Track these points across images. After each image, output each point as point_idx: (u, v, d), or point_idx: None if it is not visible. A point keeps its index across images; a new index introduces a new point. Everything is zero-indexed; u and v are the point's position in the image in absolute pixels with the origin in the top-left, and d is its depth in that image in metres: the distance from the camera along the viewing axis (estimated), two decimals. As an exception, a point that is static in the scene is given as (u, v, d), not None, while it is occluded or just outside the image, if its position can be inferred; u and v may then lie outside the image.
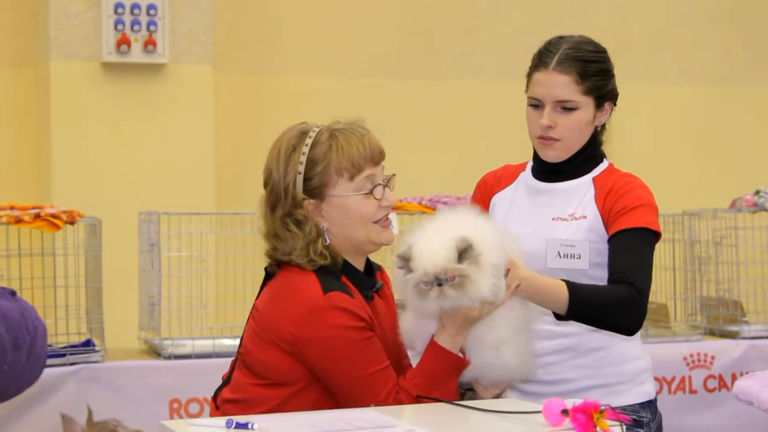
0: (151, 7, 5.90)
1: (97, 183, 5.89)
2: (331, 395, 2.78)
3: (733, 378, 5.08)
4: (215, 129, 6.17)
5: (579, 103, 3.11)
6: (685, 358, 5.16)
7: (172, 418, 4.40)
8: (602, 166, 3.19)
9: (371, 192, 2.85)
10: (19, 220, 4.44)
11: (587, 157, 3.18)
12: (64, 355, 4.50)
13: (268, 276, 2.95)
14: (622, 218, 3.05)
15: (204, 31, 6.06)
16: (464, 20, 7.00)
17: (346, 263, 2.89)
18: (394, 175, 2.95)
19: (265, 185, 2.92)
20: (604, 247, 3.05)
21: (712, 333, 5.40)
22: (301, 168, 2.84)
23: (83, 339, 4.63)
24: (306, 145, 2.86)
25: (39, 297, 4.52)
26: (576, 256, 3.06)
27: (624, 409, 2.88)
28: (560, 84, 3.10)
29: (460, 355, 2.80)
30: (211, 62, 6.11)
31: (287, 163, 2.87)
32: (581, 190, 3.15)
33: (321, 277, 2.83)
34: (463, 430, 2.44)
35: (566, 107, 3.11)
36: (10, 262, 4.53)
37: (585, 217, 3.09)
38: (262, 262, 4.59)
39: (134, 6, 5.88)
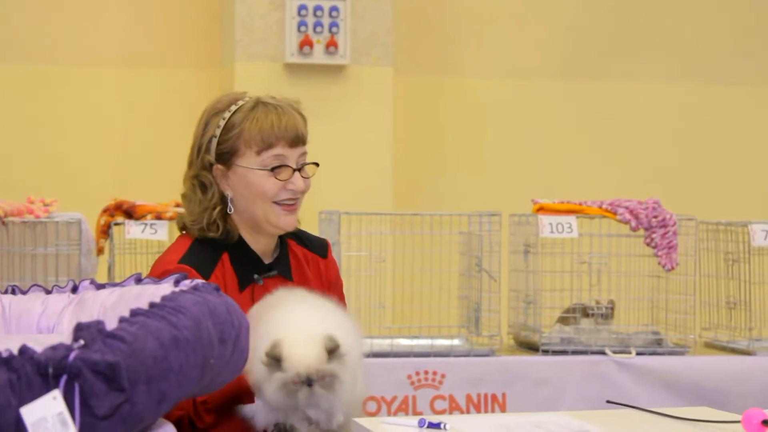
0: (333, 9, 5.96)
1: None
2: None
3: None
4: (394, 130, 6.21)
5: None
6: None
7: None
8: None
9: (274, 170, 2.81)
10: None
11: None
12: (248, 351, 4.55)
13: None
14: None
15: (385, 33, 6.10)
16: (644, 22, 6.89)
17: (240, 241, 2.85)
18: (315, 164, 2.91)
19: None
20: None
21: None
22: (218, 132, 2.83)
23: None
24: (229, 111, 2.85)
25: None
26: None
27: None
28: None
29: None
30: (392, 64, 6.15)
31: (207, 124, 2.87)
32: None
33: (194, 246, 2.83)
34: (658, 438, 2.39)
35: None
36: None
37: None
38: (440, 263, 4.61)
39: (317, 8, 5.95)
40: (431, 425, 2.44)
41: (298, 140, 2.86)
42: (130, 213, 4.45)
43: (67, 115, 6.31)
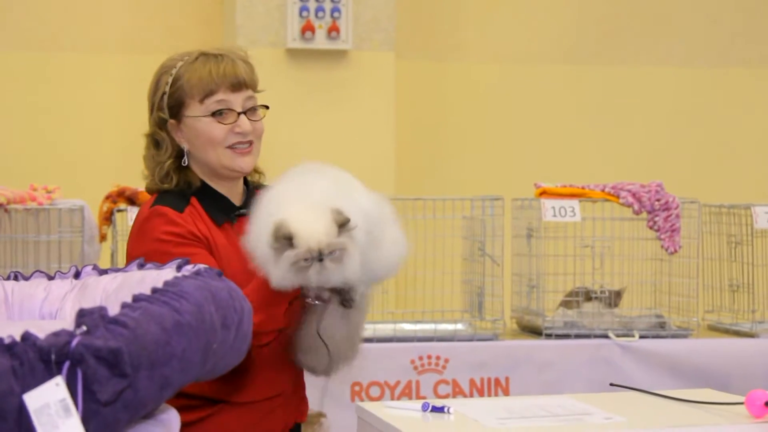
0: (335, -7, 5.96)
1: (279, 166, 5.97)
2: None
3: None
4: (396, 115, 6.20)
5: None
6: None
7: (353, 401, 4.44)
8: None
9: (217, 116, 2.83)
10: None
11: None
12: (251, 336, 4.56)
13: None
14: None
15: (387, 18, 6.09)
16: (648, 5, 6.88)
17: (205, 186, 2.89)
18: (265, 106, 2.92)
19: None
20: None
21: None
22: (167, 88, 2.87)
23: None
24: (175, 68, 2.88)
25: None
26: None
27: None
28: None
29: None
30: (393, 48, 6.14)
31: (157, 83, 2.91)
32: None
33: (160, 195, 2.88)
34: (661, 420, 2.39)
35: None
36: (198, 245, 4.62)
37: None
38: (443, 248, 4.61)
39: (319, -7, 5.95)
40: (435, 409, 2.44)
41: (239, 85, 2.86)
42: (133, 199, 4.46)
43: (69, 102, 6.31)
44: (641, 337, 4.55)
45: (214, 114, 2.84)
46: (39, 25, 6.28)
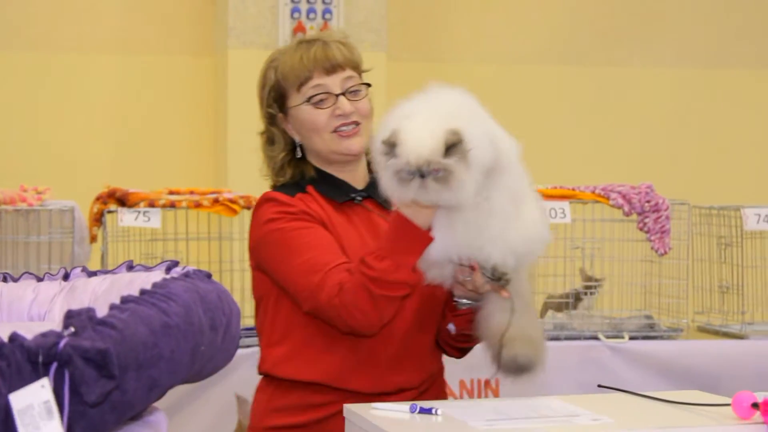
0: (326, -5, 5.97)
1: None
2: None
3: None
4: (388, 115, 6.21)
5: None
6: None
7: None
8: None
9: (315, 102, 2.78)
10: (198, 205, 4.53)
11: None
12: (239, 338, 4.56)
13: None
14: None
15: (378, 19, 6.09)
16: (642, 8, 6.89)
17: (321, 173, 2.84)
18: (366, 84, 2.87)
19: None
20: None
21: None
22: (269, 83, 2.85)
23: (261, 322, 4.68)
24: (276, 60, 2.85)
25: (216, 280, 4.61)
26: None
27: None
28: None
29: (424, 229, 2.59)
30: (385, 50, 6.15)
31: (264, 78, 2.88)
32: None
33: (278, 186, 2.84)
34: (648, 422, 2.40)
35: None
36: (189, 246, 4.62)
37: None
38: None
39: (310, -6, 5.95)
40: (423, 410, 2.44)
41: (333, 67, 2.80)
42: (123, 200, 4.45)
43: (60, 103, 6.31)
44: (631, 338, 4.55)
45: (310, 100, 2.79)
46: (30, 24, 6.28)
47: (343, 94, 2.81)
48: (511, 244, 2.60)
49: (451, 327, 2.84)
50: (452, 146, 2.46)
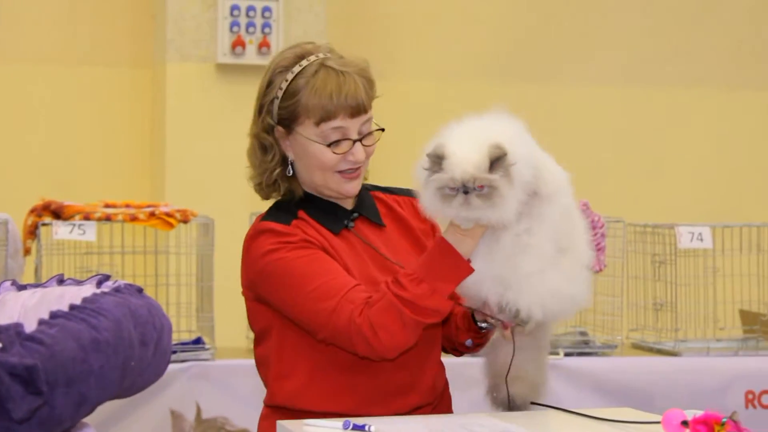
0: (266, 9, 5.95)
1: (209, 183, 5.96)
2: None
3: None
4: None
5: None
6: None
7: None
8: None
9: (332, 144, 2.69)
10: (134, 218, 4.51)
11: None
12: (174, 352, 4.54)
13: None
14: None
15: (317, 34, 6.09)
16: (581, 23, 6.94)
17: (308, 196, 2.76)
18: (381, 129, 2.78)
19: None
20: None
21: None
22: (279, 94, 2.70)
23: (194, 337, 4.67)
24: (292, 72, 2.69)
25: (151, 294, 4.54)
26: None
27: None
28: None
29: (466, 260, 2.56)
30: (324, 65, 6.14)
31: (270, 83, 2.73)
32: None
33: (269, 211, 2.75)
34: (580, 439, 2.42)
35: None
36: (124, 259, 4.60)
37: None
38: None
39: (249, 8, 5.93)
40: (356, 427, 2.44)
41: (359, 110, 2.69)
42: (58, 213, 4.42)
43: (-7, 114, 6.25)
44: (566, 354, 4.58)
45: (326, 138, 2.68)
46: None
47: (360, 140, 2.73)
48: (541, 293, 2.58)
49: (469, 342, 2.83)
50: (496, 160, 2.48)
